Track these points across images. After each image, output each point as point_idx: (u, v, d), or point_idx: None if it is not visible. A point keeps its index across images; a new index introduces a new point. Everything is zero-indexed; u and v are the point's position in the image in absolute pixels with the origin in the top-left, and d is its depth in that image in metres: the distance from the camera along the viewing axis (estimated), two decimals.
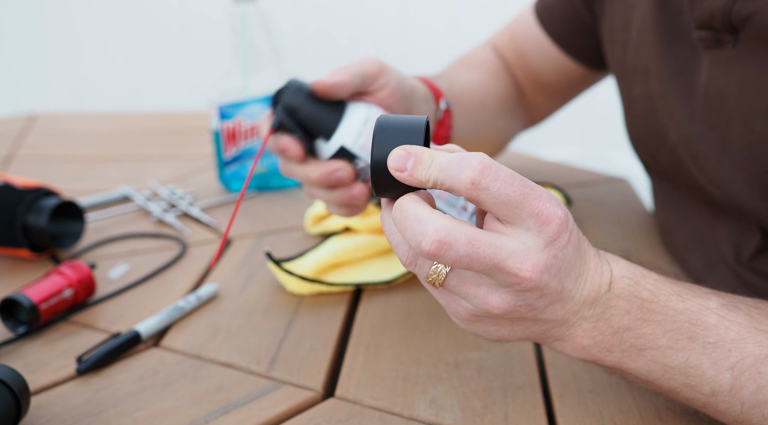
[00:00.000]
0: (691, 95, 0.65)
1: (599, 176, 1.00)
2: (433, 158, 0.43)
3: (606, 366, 0.48)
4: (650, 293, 0.46)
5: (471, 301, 0.45)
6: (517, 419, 0.52)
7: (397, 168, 0.44)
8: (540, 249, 0.43)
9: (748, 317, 0.46)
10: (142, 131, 1.30)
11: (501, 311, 0.44)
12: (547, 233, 0.43)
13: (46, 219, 0.75)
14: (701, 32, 0.61)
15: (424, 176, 0.43)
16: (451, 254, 0.42)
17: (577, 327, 0.46)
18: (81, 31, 2.45)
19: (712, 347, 0.45)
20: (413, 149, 0.44)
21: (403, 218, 0.43)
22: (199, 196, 0.97)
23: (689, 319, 0.45)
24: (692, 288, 0.47)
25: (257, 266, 0.76)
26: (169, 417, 0.53)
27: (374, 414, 0.53)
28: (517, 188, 0.42)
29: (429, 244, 0.42)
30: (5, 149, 1.19)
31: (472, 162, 0.42)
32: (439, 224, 0.42)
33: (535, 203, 0.43)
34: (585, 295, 0.46)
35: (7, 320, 0.64)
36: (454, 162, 0.43)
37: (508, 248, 0.42)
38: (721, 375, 0.45)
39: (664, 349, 0.46)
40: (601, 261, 0.47)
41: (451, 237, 0.41)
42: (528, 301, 0.44)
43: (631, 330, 0.46)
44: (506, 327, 0.47)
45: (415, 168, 0.43)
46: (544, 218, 0.43)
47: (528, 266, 0.42)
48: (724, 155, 0.61)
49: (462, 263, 0.42)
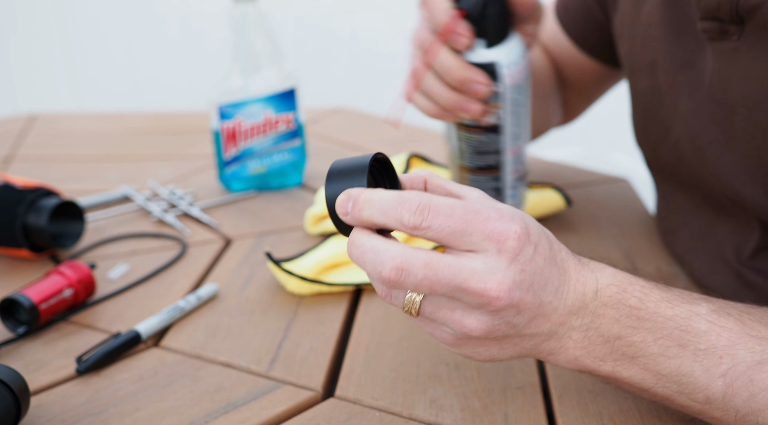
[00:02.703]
0: (696, 88, 0.64)
1: (599, 176, 1.00)
2: (369, 201, 0.44)
3: (601, 376, 0.47)
4: (638, 300, 0.45)
5: (449, 326, 0.45)
6: (517, 419, 0.52)
7: (341, 213, 0.45)
8: (504, 267, 0.42)
9: (739, 322, 0.46)
10: (142, 131, 1.30)
11: (480, 333, 0.44)
12: (506, 250, 0.43)
13: (46, 219, 0.75)
14: (706, 23, 0.61)
15: (364, 218, 0.44)
16: (410, 279, 0.42)
17: (567, 339, 0.46)
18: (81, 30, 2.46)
19: (704, 354, 0.45)
20: (353, 191, 0.44)
21: (360, 253, 0.44)
22: (199, 196, 0.97)
23: (679, 326, 0.45)
24: (681, 294, 0.47)
25: (257, 266, 0.76)
26: (169, 417, 0.53)
27: (374, 414, 0.53)
28: (458, 217, 0.43)
29: (388, 272, 0.42)
30: (5, 149, 1.19)
31: (411, 205, 0.43)
32: (395, 252, 0.42)
33: (483, 224, 0.43)
34: (569, 305, 0.45)
35: (7, 320, 0.64)
36: (393, 205, 0.43)
37: (468, 269, 0.42)
38: (713, 383, 0.45)
39: (656, 357, 0.45)
40: (584, 270, 0.46)
41: (408, 263, 0.42)
42: (506, 319, 0.44)
43: (622, 339, 0.45)
44: (493, 346, 0.46)
45: (353, 211, 0.44)
46: (498, 236, 0.43)
47: (493, 285, 0.42)
48: (728, 148, 0.61)
49: (423, 287, 0.42)
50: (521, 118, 0.70)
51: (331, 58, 2.39)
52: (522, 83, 0.68)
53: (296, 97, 0.95)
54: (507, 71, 0.64)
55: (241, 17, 0.91)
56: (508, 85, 0.66)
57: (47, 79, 2.51)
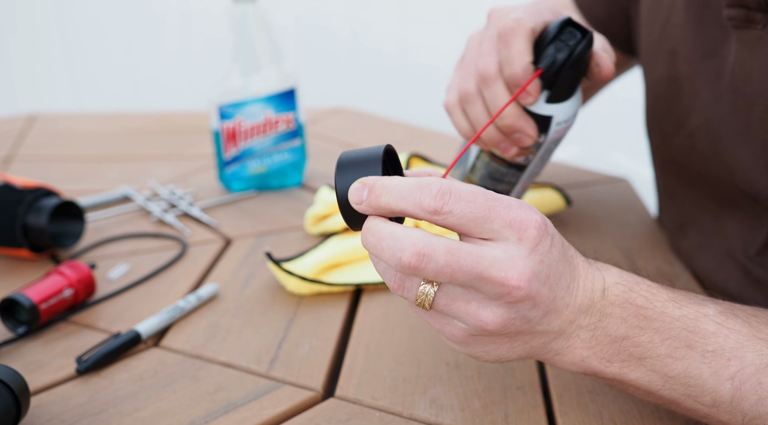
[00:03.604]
0: (717, 77, 0.64)
1: (599, 176, 1.00)
2: (387, 187, 0.42)
3: (607, 379, 0.47)
4: (645, 300, 0.45)
5: (463, 319, 0.44)
6: (517, 419, 0.52)
7: (355, 201, 0.43)
8: (524, 257, 0.42)
9: (747, 324, 0.45)
10: (142, 131, 1.30)
11: (496, 327, 0.43)
12: (527, 239, 0.42)
13: (46, 219, 0.75)
14: (733, 11, 0.60)
15: (380, 204, 0.43)
16: (431, 265, 0.41)
17: (575, 338, 0.45)
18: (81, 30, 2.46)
19: (711, 355, 0.44)
20: (368, 179, 0.43)
21: (377, 239, 0.42)
22: (199, 196, 0.97)
23: (687, 326, 0.45)
24: (688, 295, 0.47)
25: (257, 266, 0.76)
26: (169, 417, 0.53)
27: (374, 414, 0.53)
28: (480, 203, 0.42)
29: (409, 257, 0.41)
30: (5, 149, 1.19)
31: (432, 189, 0.42)
32: (416, 238, 0.41)
33: (505, 212, 0.42)
34: (579, 302, 0.45)
35: (7, 320, 0.64)
36: (413, 189, 0.42)
37: (490, 257, 0.41)
38: (721, 386, 0.44)
39: (663, 358, 0.45)
40: (591, 268, 0.46)
41: (430, 248, 0.41)
42: (521, 312, 0.43)
43: (629, 339, 0.45)
44: (504, 344, 0.45)
45: (369, 198, 0.43)
46: (519, 224, 0.42)
47: (514, 274, 0.41)
48: (746, 139, 0.60)
49: (444, 275, 0.41)
50: (545, 162, 0.69)
51: (331, 58, 2.39)
52: (563, 137, 0.67)
53: (296, 97, 0.95)
54: (557, 127, 0.63)
55: (241, 17, 0.91)
56: (551, 139, 0.64)
57: (47, 79, 2.51)
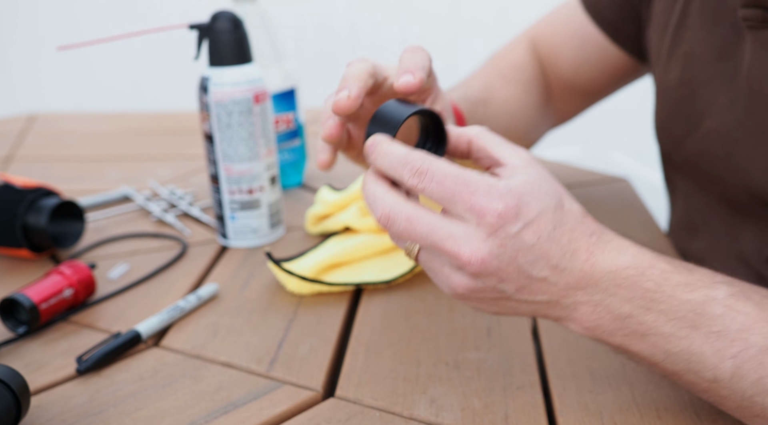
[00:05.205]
0: (733, 79, 0.63)
1: (599, 176, 1.00)
2: (383, 153, 0.48)
3: (611, 346, 0.49)
4: (654, 284, 0.46)
5: (439, 279, 0.48)
6: (517, 419, 0.52)
7: (366, 154, 0.49)
8: (482, 239, 0.45)
9: (758, 307, 0.46)
10: (142, 131, 1.30)
11: (464, 291, 0.47)
12: (485, 224, 0.45)
13: (46, 219, 0.75)
14: (748, 11, 0.60)
15: (377, 166, 0.48)
16: (394, 228, 0.47)
17: (574, 310, 0.47)
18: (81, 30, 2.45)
19: (716, 336, 0.45)
20: (377, 138, 0.49)
21: (365, 194, 0.49)
22: (199, 196, 0.97)
23: (694, 309, 0.46)
24: (703, 277, 0.47)
25: (257, 266, 0.76)
26: (169, 417, 0.53)
27: (374, 414, 0.53)
28: (447, 186, 0.46)
29: (378, 217, 0.47)
30: (5, 149, 1.19)
31: (413, 166, 0.47)
32: (387, 201, 0.47)
33: (468, 197, 0.45)
34: (571, 281, 0.46)
35: (7, 320, 0.65)
36: (399, 162, 0.47)
37: (445, 230, 0.45)
38: (722, 363, 0.45)
39: (667, 336, 0.46)
40: (598, 250, 0.47)
41: (394, 213, 0.47)
42: (489, 284, 0.46)
43: (633, 317, 0.46)
44: (490, 305, 0.49)
45: (371, 156, 0.49)
46: (478, 210, 0.45)
47: (466, 251, 0.45)
48: (761, 141, 0.60)
49: (405, 238, 0.47)
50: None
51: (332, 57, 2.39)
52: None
53: (296, 97, 0.95)
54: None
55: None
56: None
57: (47, 79, 2.51)
